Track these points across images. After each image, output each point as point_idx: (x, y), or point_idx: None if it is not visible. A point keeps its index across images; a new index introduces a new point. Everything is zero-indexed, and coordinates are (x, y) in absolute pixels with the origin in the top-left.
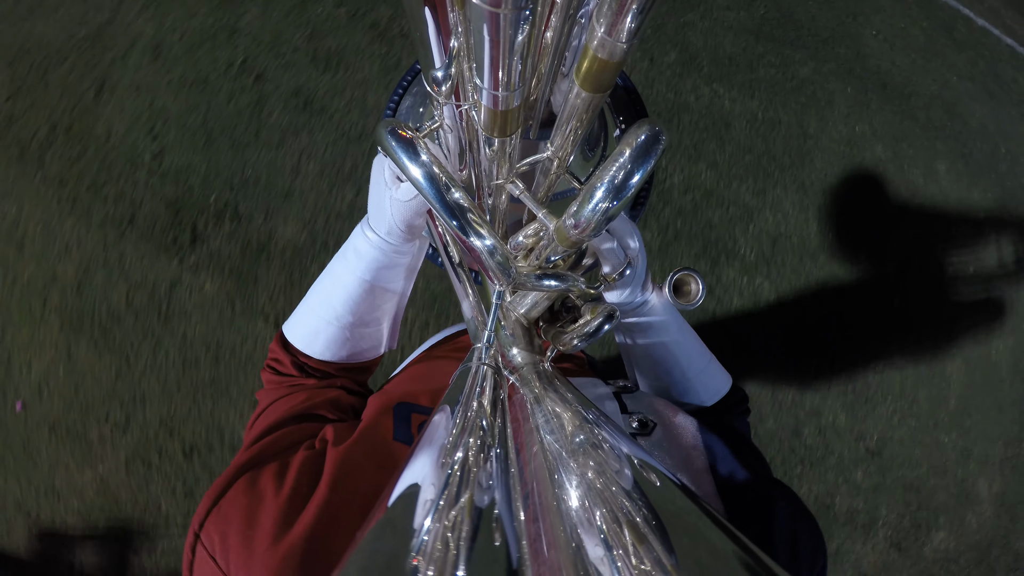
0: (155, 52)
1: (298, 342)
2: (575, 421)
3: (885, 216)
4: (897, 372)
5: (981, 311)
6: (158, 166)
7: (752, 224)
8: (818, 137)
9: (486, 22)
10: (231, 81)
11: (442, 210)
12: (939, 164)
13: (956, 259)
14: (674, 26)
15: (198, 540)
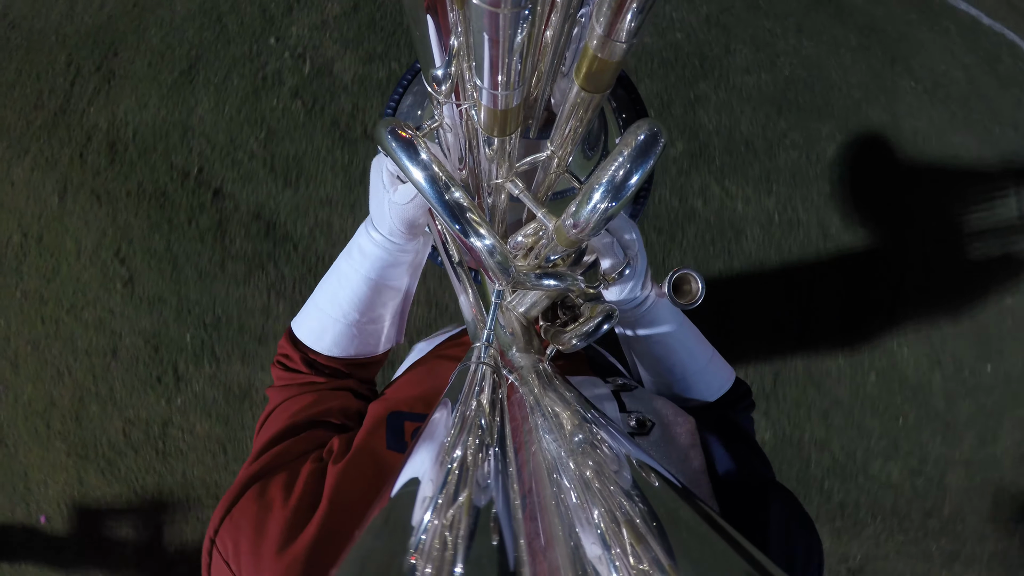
0: (111, 151)
1: (307, 338)
2: (574, 421)
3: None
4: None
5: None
6: (130, 295)
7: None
8: (839, 238)
9: (486, 21)
10: (189, 195)
11: (442, 209)
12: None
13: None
14: (683, 103)
15: (214, 546)
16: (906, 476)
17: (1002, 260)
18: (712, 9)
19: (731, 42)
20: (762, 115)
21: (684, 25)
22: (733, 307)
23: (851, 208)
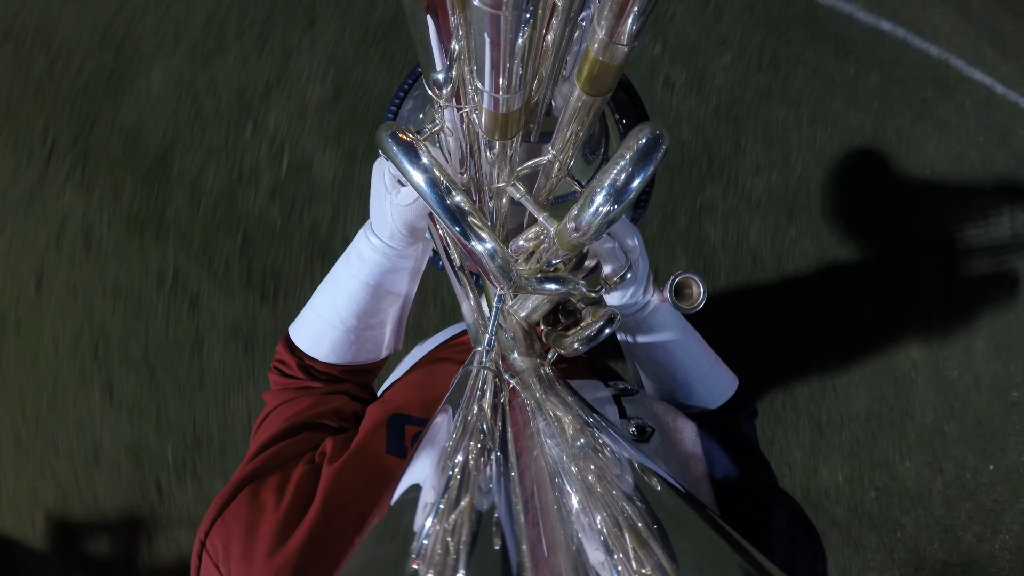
0: (87, 241)
1: (304, 345)
2: (576, 425)
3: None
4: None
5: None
6: (109, 400)
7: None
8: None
9: (487, 24)
10: (166, 302)
11: (443, 214)
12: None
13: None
14: (688, 214)
15: (204, 548)
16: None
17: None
18: (722, 100)
19: (741, 137)
20: (772, 222)
21: (692, 119)
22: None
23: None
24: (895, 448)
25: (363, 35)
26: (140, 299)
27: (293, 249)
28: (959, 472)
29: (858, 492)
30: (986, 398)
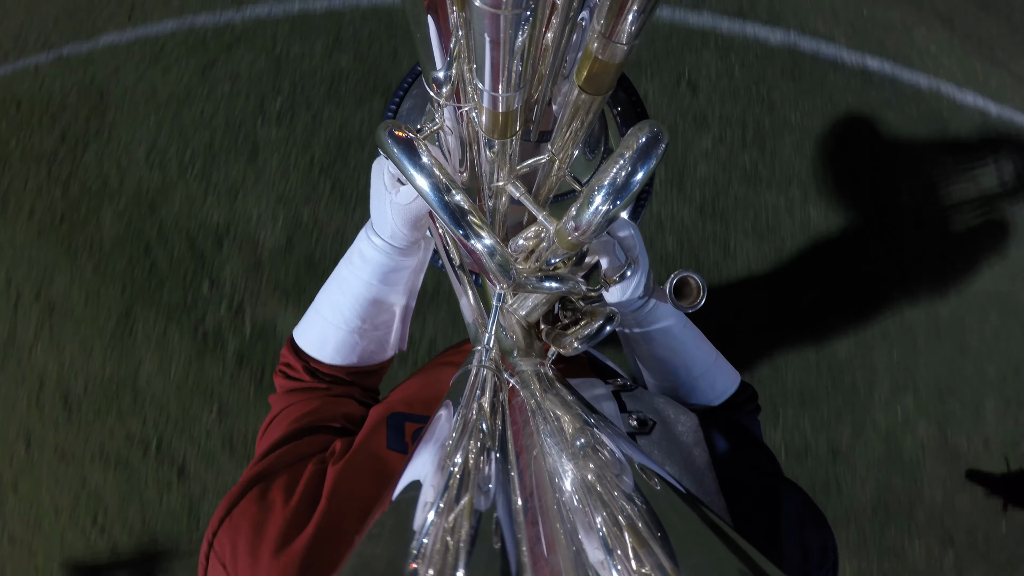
0: (66, 403)
1: (308, 347)
2: (575, 424)
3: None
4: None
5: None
6: (117, 563)
7: None
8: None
9: (487, 23)
10: (154, 470)
11: (443, 212)
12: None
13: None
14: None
15: (211, 548)
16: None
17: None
18: (706, 194)
19: (730, 235)
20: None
21: (676, 224)
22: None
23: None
24: (903, 533)
25: (309, 164)
26: (128, 467)
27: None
28: (971, 539)
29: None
30: (996, 458)
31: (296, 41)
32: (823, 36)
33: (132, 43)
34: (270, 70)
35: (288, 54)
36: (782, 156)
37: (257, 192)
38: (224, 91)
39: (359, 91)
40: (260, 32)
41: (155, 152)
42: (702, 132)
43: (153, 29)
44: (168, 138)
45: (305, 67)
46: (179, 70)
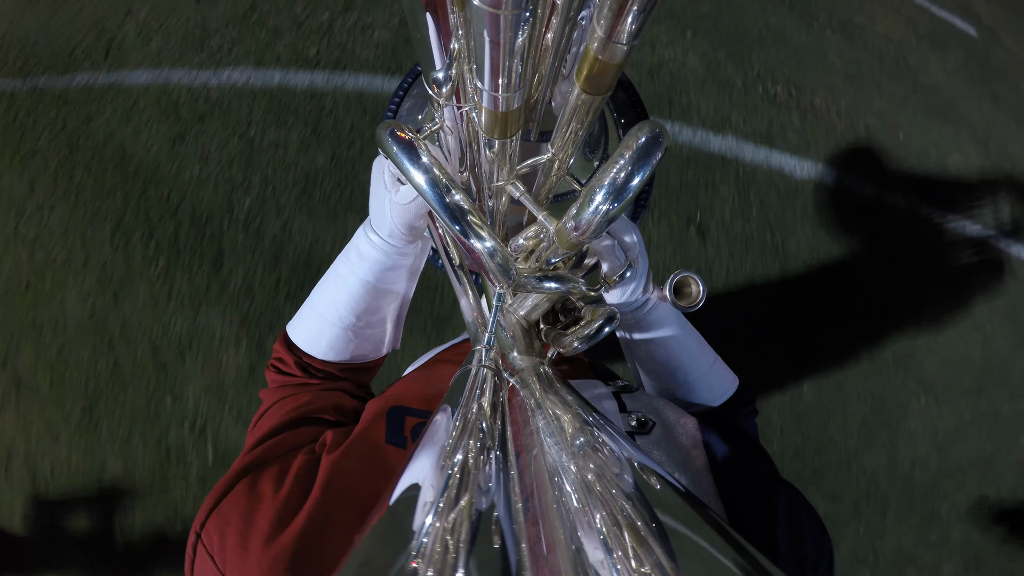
0: (33, 482)
1: (301, 342)
2: (575, 424)
3: None
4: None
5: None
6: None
7: None
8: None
9: (486, 23)
10: (119, 572)
11: (442, 212)
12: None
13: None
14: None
15: (199, 540)
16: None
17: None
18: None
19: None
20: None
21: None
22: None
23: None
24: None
25: (275, 285)
26: (93, 554)
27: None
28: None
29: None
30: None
31: (272, 124)
32: (857, 171)
33: (106, 89)
34: (241, 156)
35: (262, 139)
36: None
37: (221, 306)
38: (193, 175)
39: (333, 201)
40: (235, 104)
41: (120, 234)
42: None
43: (128, 77)
44: (134, 219)
45: (279, 160)
46: (149, 135)
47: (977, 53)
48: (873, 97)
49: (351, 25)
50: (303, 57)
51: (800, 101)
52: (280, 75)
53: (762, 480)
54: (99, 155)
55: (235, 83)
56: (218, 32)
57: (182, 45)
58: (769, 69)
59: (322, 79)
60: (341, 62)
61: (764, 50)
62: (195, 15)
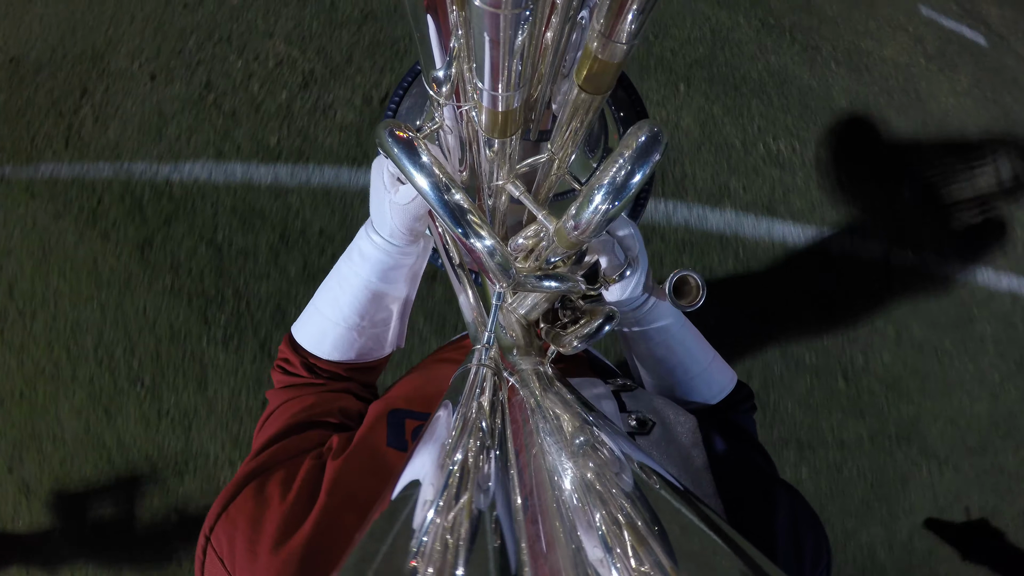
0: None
1: (306, 343)
2: (575, 423)
3: None
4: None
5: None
6: None
7: None
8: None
9: (487, 22)
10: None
11: (442, 211)
12: None
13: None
14: None
15: (209, 543)
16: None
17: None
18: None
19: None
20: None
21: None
22: None
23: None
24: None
25: (262, 407)
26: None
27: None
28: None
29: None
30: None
31: (239, 229)
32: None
33: (70, 183)
34: (212, 266)
35: (231, 247)
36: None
37: (211, 428)
38: (165, 285)
39: None
40: (200, 204)
41: (103, 348)
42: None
43: (91, 171)
44: (113, 332)
45: (250, 271)
46: (118, 240)
47: (988, 65)
48: (879, 137)
49: (311, 106)
50: (264, 147)
51: (804, 157)
52: (242, 169)
53: (761, 479)
54: (71, 259)
55: (197, 178)
56: (175, 118)
57: (140, 133)
58: (770, 122)
59: (286, 173)
60: (304, 152)
61: (765, 99)
62: (150, 96)
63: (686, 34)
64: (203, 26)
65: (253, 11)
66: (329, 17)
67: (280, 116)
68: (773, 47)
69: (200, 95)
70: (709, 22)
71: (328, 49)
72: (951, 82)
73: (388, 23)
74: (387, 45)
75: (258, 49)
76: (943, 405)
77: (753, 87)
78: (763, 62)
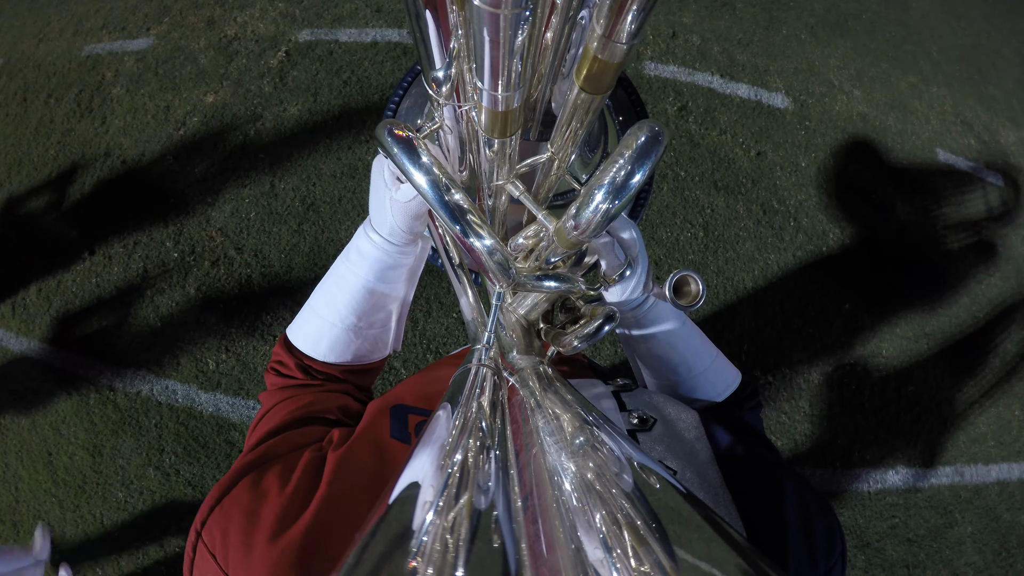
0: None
1: (302, 344)
2: (575, 423)
3: None
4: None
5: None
6: None
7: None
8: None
9: (486, 22)
10: None
11: (442, 211)
12: None
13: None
14: None
15: (200, 538)
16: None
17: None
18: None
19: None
20: None
21: None
22: None
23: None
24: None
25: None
26: None
27: None
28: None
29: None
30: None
31: (184, 458)
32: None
33: (20, 361)
34: (161, 492)
35: (178, 476)
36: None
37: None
38: (119, 500)
39: None
40: (144, 420)
41: (65, 545)
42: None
43: (39, 352)
44: (74, 529)
45: (197, 506)
46: (69, 437)
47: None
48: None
49: (247, 330)
50: (203, 372)
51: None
52: (183, 391)
53: (768, 469)
54: (27, 447)
55: (139, 391)
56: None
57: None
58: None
59: (227, 405)
60: (244, 385)
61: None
62: (89, 275)
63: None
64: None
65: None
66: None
67: (218, 349)
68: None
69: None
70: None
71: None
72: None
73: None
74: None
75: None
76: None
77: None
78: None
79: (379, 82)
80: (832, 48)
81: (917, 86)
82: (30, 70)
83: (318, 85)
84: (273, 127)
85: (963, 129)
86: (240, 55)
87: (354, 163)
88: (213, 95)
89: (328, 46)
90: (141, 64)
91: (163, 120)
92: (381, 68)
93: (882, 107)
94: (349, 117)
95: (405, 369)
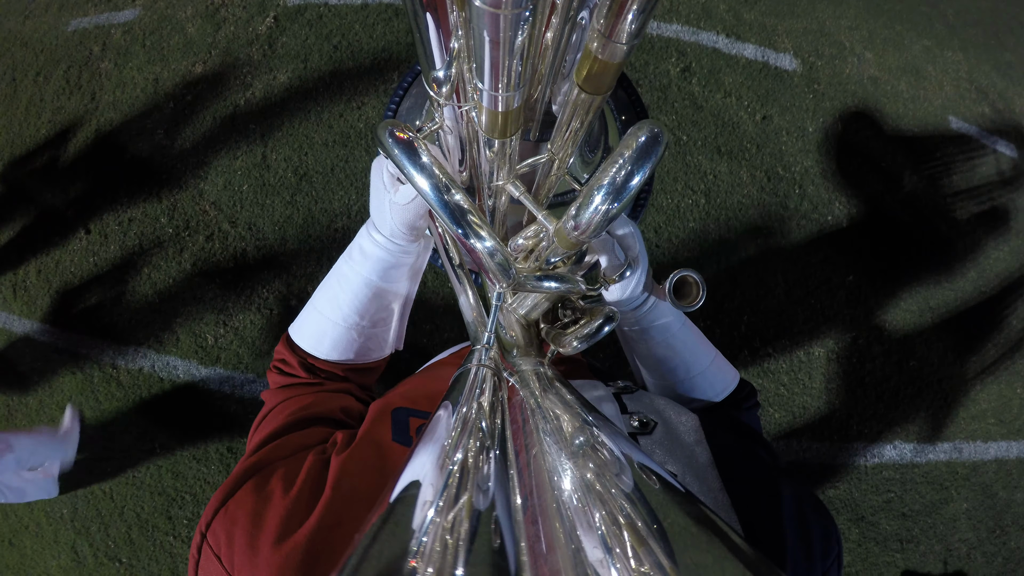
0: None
1: (305, 343)
2: (575, 423)
3: None
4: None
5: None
6: None
7: None
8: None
9: (486, 23)
10: None
11: (442, 211)
12: None
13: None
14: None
15: (204, 540)
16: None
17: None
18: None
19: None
20: None
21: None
22: None
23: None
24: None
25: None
26: None
27: None
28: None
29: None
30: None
31: (186, 431)
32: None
33: (22, 341)
34: (167, 465)
35: (183, 448)
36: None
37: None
38: (126, 476)
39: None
40: (148, 393)
41: (78, 520)
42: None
43: (37, 328)
44: (86, 508)
45: (203, 476)
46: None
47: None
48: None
49: (244, 304)
50: (202, 348)
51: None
52: (183, 366)
53: (766, 473)
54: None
55: (141, 367)
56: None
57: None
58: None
59: (226, 379)
60: (242, 359)
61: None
62: (86, 254)
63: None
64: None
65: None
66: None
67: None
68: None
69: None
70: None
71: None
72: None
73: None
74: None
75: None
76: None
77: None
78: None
79: (370, 46)
80: (844, 7)
81: (931, 50)
82: (17, 48)
83: (308, 51)
84: (263, 96)
85: (977, 96)
86: (228, 22)
87: (346, 131)
88: (202, 65)
89: (318, 10)
90: (128, 36)
91: (152, 93)
92: (372, 31)
93: (894, 71)
94: (340, 83)
95: (408, 369)
